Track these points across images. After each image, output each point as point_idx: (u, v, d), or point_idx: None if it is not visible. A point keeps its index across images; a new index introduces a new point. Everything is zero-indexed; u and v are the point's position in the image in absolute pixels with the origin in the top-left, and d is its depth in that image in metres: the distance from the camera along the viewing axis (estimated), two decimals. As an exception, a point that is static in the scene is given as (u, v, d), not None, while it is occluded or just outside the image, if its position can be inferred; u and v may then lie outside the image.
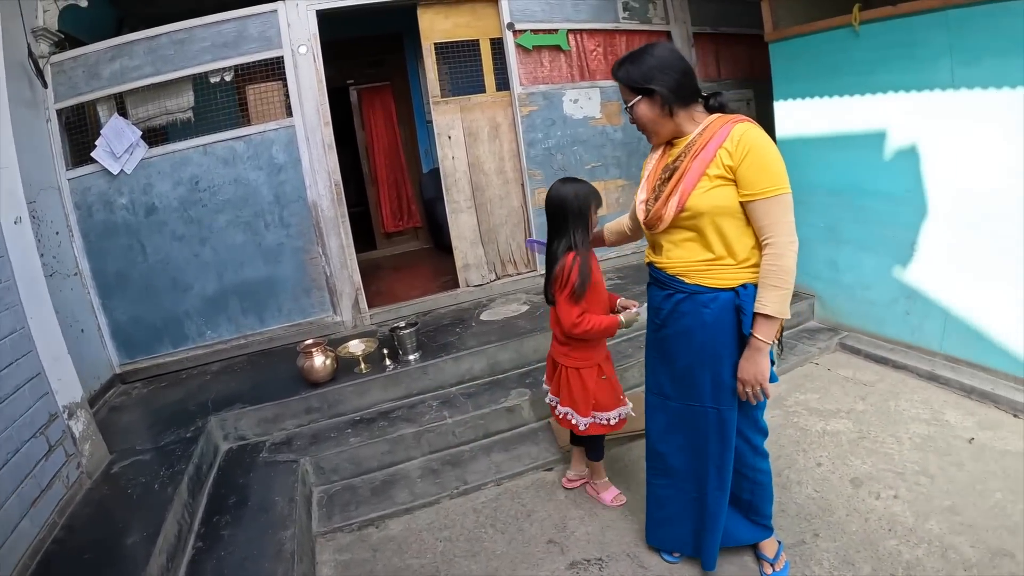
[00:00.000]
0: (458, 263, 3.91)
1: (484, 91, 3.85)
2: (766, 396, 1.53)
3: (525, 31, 3.78)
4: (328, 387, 2.80)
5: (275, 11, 3.26)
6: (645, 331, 1.79)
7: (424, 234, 6.15)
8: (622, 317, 1.90)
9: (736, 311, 1.51)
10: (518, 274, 4.09)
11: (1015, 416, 2.48)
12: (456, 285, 3.96)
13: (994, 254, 2.59)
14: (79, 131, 3.15)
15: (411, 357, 2.97)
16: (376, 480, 2.51)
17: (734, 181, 1.43)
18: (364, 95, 5.87)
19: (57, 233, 2.98)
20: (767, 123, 4.72)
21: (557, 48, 3.92)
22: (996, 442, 2.33)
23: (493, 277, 4.01)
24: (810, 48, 3.32)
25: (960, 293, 2.78)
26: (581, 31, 4.01)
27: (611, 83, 4.11)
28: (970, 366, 2.76)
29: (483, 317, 3.52)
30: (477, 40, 3.78)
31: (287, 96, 3.33)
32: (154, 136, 3.27)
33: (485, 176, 3.89)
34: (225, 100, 3.32)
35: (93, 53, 3.10)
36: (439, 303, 3.87)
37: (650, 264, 1.70)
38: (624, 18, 4.17)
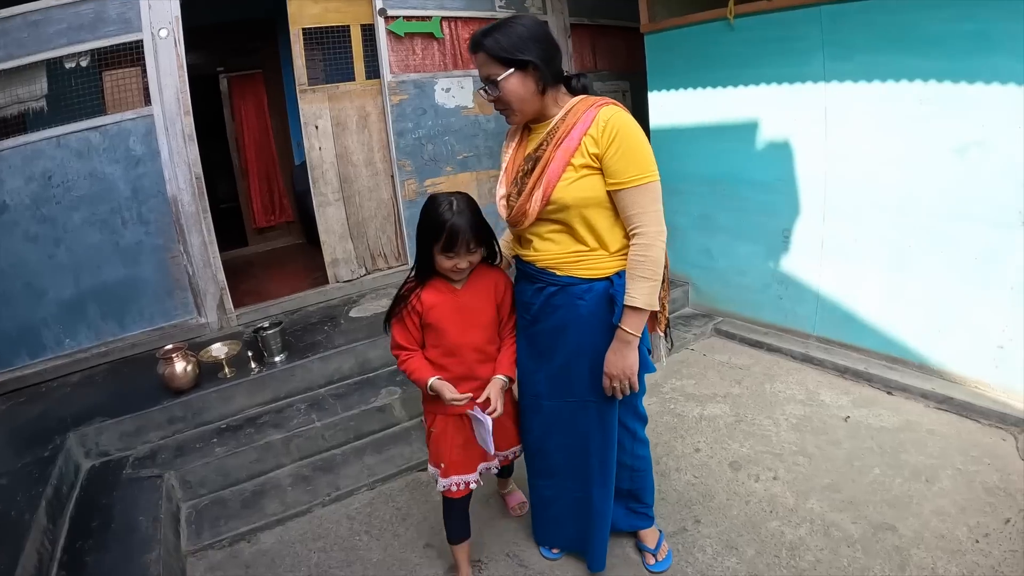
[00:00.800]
0: (327, 258, 4.85)
1: (354, 79, 4.83)
2: (635, 390, 1.83)
3: (397, 18, 4.79)
4: (192, 394, 3.28)
5: (135, -9, 3.80)
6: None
7: (297, 229, 7.17)
8: (449, 394, 1.89)
9: (611, 301, 1.78)
10: (389, 268, 5.12)
11: (889, 393, 3.29)
12: (326, 281, 4.89)
13: (862, 240, 3.65)
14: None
15: (277, 359, 3.57)
16: (246, 491, 2.95)
17: (600, 170, 1.69)
18: (235, 83, 6.83)
19: None
20: (642, 114, 6.15)
21: (430, 36, 4.98)
22: (871, 419, 3.04)
23: (363, 272, 5.01)
24: (685, 40, 4.42)
25: (831, 277, 3.85)
26: (455, 19, 5.09)
27: None
28: (842, 347, 3.81)
29: (353, 314, 4.35)
30: (348, 26, 4.75)
31: (146, 83, 3.92)
32: (4, 127, 3.66)
33: (354, 167, 4.90)
34: (81, 87, 3.77)
35: (-63, 35, 3.51)
36: (308, 301, 4.78)
37: (517, 258, 1.99)
38: (500, 7, 5.30)
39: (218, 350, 3.51)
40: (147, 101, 3.98)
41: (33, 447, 2.87)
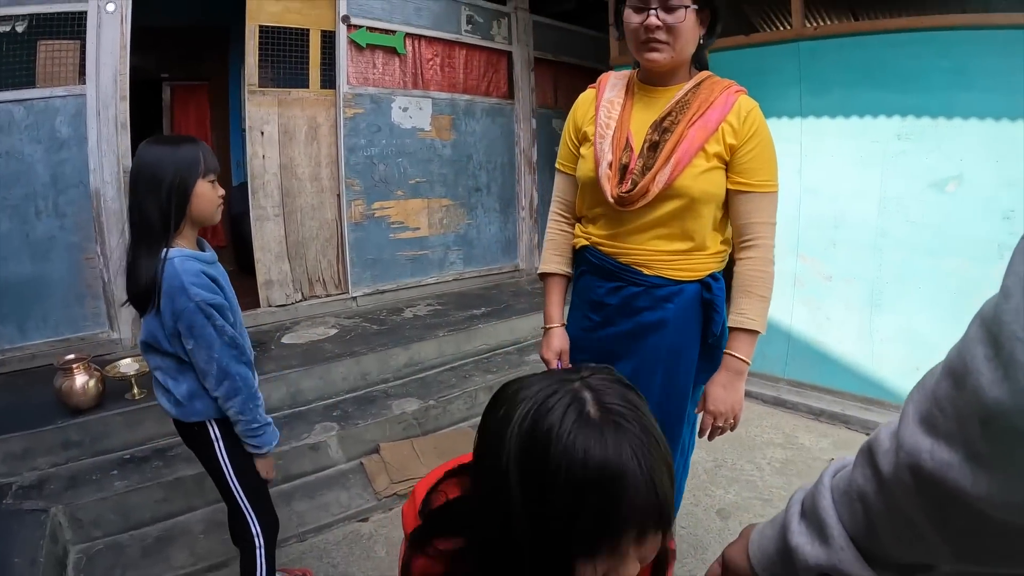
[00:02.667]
0: (260, 278, 4.70)
1: (307, 86, 4.81)
2: (735, 427, 1.68)
3: (361, 27, 4.86)
4: (92, 415, 3.02)
5: (87, -42, 3.73)
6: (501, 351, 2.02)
7: (229, 255, 6.88)
8: None
9: (704, 307, 1.66)
10: (327, 296, 4.97)
11: (868, 434, 3.48)
12: (257, 304, 4.72)
13: (836, 278, 3.75)
14: None
15: None
16: (149, 537, 2.65)
17: (726, 164, 1.59)
18: (178, 93, 6.80)
19: None
20: None
21: (393, 51, 5.04)
22: None
23: (299, 297, 4.86)
24: None
25: (803, 317, 3.92)
26: (420, 37, 5.19)
27: (444, 95, 5.33)
28: (815, 389, 3.86)
29: (285, 340, 4.23)
30: (307, 30, 4.77)
31: (83, 59, 3.80)
32: None
33: (298, 181, 4.82)
34: (12, 55, 3.65)
35: None
36: None
37: (590, 248, 1.75)
38: (467, 31, 5.45)
39: (127, 366, 3.27)
40: (82, 79, 3.84)
41: None
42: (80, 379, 3.01)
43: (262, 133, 4.65)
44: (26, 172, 3.74)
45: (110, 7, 3.88)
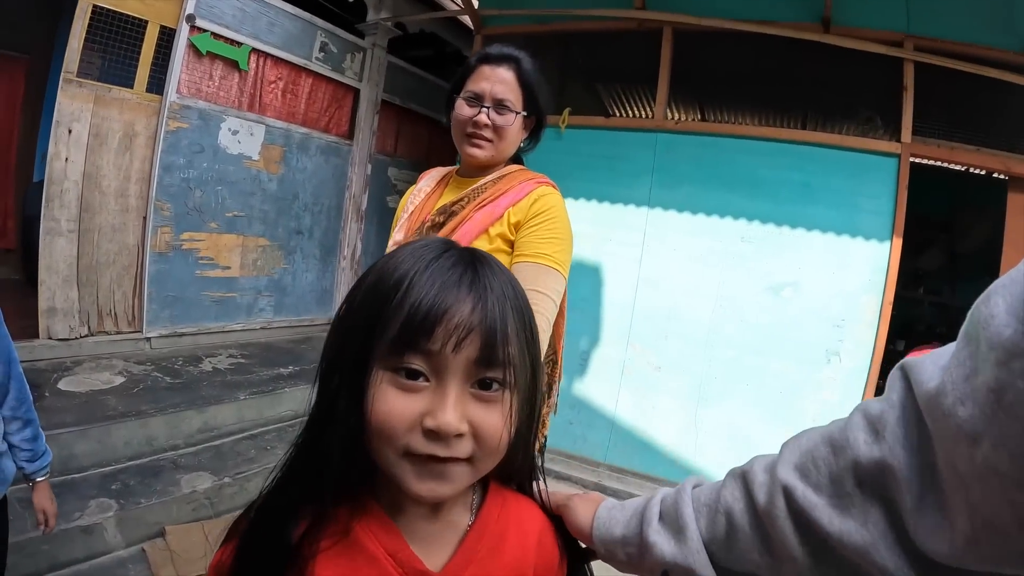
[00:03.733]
0: (42, 304, 4.19)
1: (132, 86, 4.41)
2: None
3: (205, 32, 4.55)
4: None
5: None
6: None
7: (15, 260, 6.30)
8: None
9: None
10: (118, 333, 4.51)
11: None
12: (36, 334, 4.20)
13: (665, 368, 3.82)
14: None
15: None
16: None
17: (512, 244, 1.63)
18: None
19: None
20: None
21: (234, 64, 4.75)
22: None
23: (86, 331, 4.36)
24: None
25: (628, 404, 3.97)
26: (267, 55, 4.94)
27: (280, 124, 5.11)
28: (636, 476, 3.91)
29: (62, 385, 3.76)
30: (146, 21, 4.38)
31: None
32: None
33: (102, 195, 4.37)
34: None
35: None
36: None
37: None
38: (317, 59, 5.26)
39: None
40: None
41: None
42: None
43: (69, 131, 4.20)
44: None
45: None
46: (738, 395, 3.63)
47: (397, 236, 1.78)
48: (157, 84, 4.49)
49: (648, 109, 4.26)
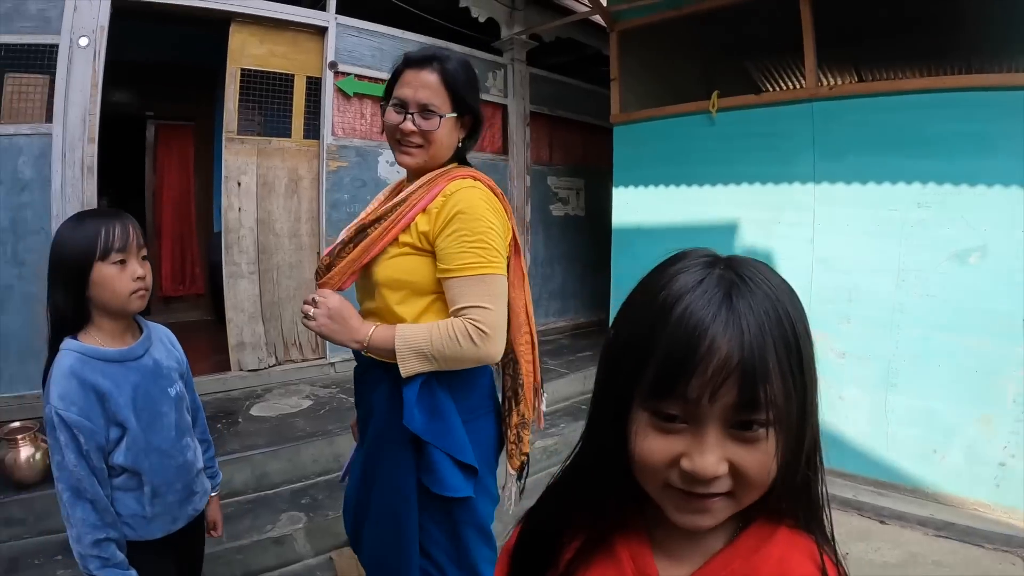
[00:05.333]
0: (231, 340, 4.72)
1: (290, 136, 4.92)
2: (307, 325, 1.75)
3: (349, 75, 4.97)
4: (37, 491, 2.96)
5: (64, -13, 3.87)
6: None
7: (207, 304, 7.19)
8: None
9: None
10: (303, 361, 5.00)
11: (882, 523, 3.40)
12: (228, 367, 4.72)
13: (849, 355, 3.73)
14: None
15: None
16: None
17: (430, 252, 1.67)
18: (162, 133, 7.03)
19: None
20: (602, 213, 6.43)
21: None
22: (871, 554, 3.15)
23: (273, 362, 4.87)
24: (659, 133, 4.65)
25: None
26: (411, 87, 5.29)
27: None
28: (826, 473, 3.80)
29: (254, 411, 4.21)
30: (292, 76, 4.89)
31: (51, 96, 3.87)
32: None
33: (276, 237, 4.89)
34: None
35: None
36: (203, 388, 4.50)
37: None
38: None
39: None
40: (48, 117, 3.90)
41: None
42: (26, 452, 2.98)
43: (239, 184, 4.72)
44: None
45: (83, 41, 3.93)
46: (930, 378, 3.46)
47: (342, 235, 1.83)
48: (313, 130, 4.95)
49: (799, 79, 4.16)
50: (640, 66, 5.12)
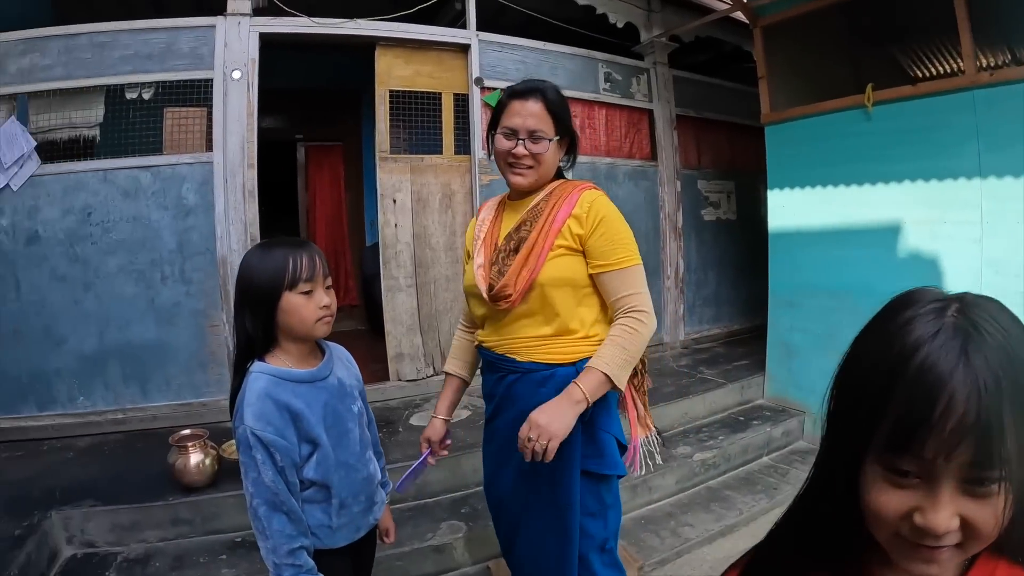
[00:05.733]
0: (390, 351, 4.95)
1: (441, 152, 5.09)
2: (547, 459, 1.73)
3: (495, 89, 5.07)
4: (205, 494, 3.16)
5: (213, 26, 4.22)
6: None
7: (360, 314, 7.57)
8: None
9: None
10: (460, 371, 5.16)
11: None
12: (386, 377, 4.96)
13: None
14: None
15: None
16: None
17: (581, 252, 1.92)
18: (312, 154, 7.55)
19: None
20: (754, 216, 6.41)
21: (528, 114, 5.26)
22: None
23: (431, 372, 5.08)
24: (813, 131, 4.54)
25: None
26: (557, 98, 5.39)
27: (585, 158, 5.41)
28: None
29: (413, 421, 4.29)
30: (439, 93, 5.03)
31: (210, 127, 4.16)
32: (51, 151, 3.98)
33: (432, 251, 5.10)
34: (139, 121, 4.05)
35: (3, 43, 3.93)
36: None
37: (480, 347, 2.12)
38: (605, 89, 5.62)
39: None
40: (209, 146, 4.21)
41: (9, 519, 2.86)
42: (195, 458, 3.20)
43: (394, 201, 4.92)
44: (153, 238, 4.12)
45: (236, 74, 4.23)
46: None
47: (478, 260, 2.02)
48: (463, 145, 5.12)
49: (951, 62, 3.94)
50: (786, 62, 5.00)
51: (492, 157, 2.07)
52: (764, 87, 4.89)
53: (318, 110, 7.37)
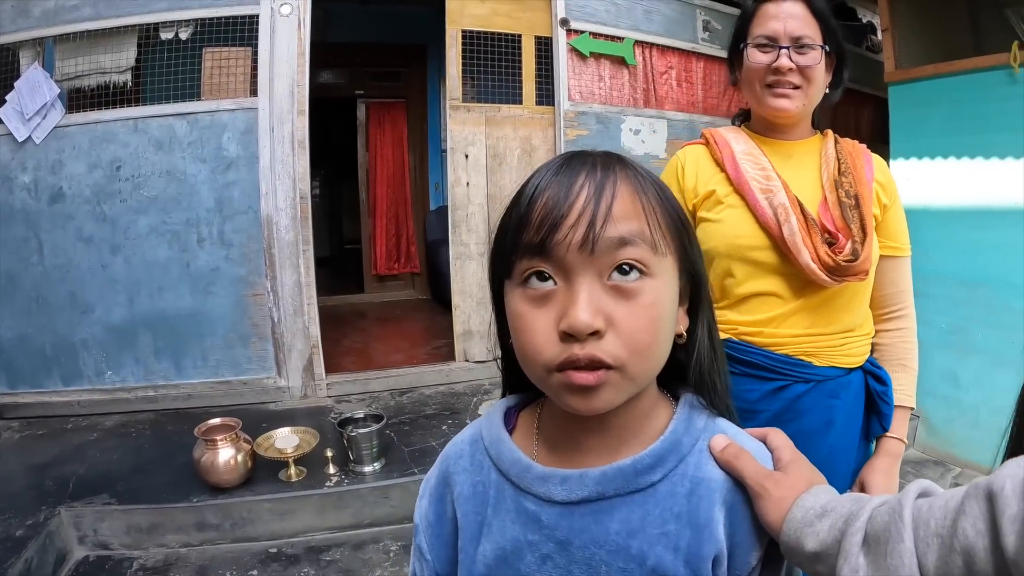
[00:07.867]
0: (457, 327, 4.44)
1: (520, 102, 4.54)
2: None
3: (583, 32, 4.50)
4: (236, 495, 2.83)
5: (260, -47, 3.77)
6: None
7: (422, 283, 7.14)
8: None
9: (869, 399, 1.54)
10: (536, 352, 4.61)
11: None
12: (451, 357, 4.47)
13: None
14: (-7, 80, 3.61)
15: (368, 468, 3.00)
16: None
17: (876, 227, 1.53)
18: (373, 110, 7.02)
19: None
20: None
21: (621, 61, 4.63)
22: None
23: (500, 353, 4.48)
24: (947, 93, 3.86)
25: None
26: (651, 45, 4.74)
27: (682, 116, 4.89)
28: None
29: (482, 410, 3.72)
30: (519, 36, 4.49)
31: (255, 69, 3.77)
32: (78, 100, 3.71)
33: (508, 214, 4.53)
34: (176, 64, 3.72)
35: (25, -16, 3.60)
36: (424, 379, 4.33)
37: (733, 342, 1.55)
38: (703, 39, 4.95)
39: (284, 441, 2.98)
40: (253, 91, 3.80)
41: (16, 511, 2.64)
42: (226, 453, 2.81)
43: (466, 156, 4.43)
44: (188, 195, 3.77)
45: (285, 9, 3.78)
46: None
47: (793, 216, 1.43)
48: (546, 95, 4.57)
49: None
50: (910, 14, 4.34)
51: (737, 84, 1.59)
52: (888, 40, 4.20)
53: (380, 65, 6.93)
